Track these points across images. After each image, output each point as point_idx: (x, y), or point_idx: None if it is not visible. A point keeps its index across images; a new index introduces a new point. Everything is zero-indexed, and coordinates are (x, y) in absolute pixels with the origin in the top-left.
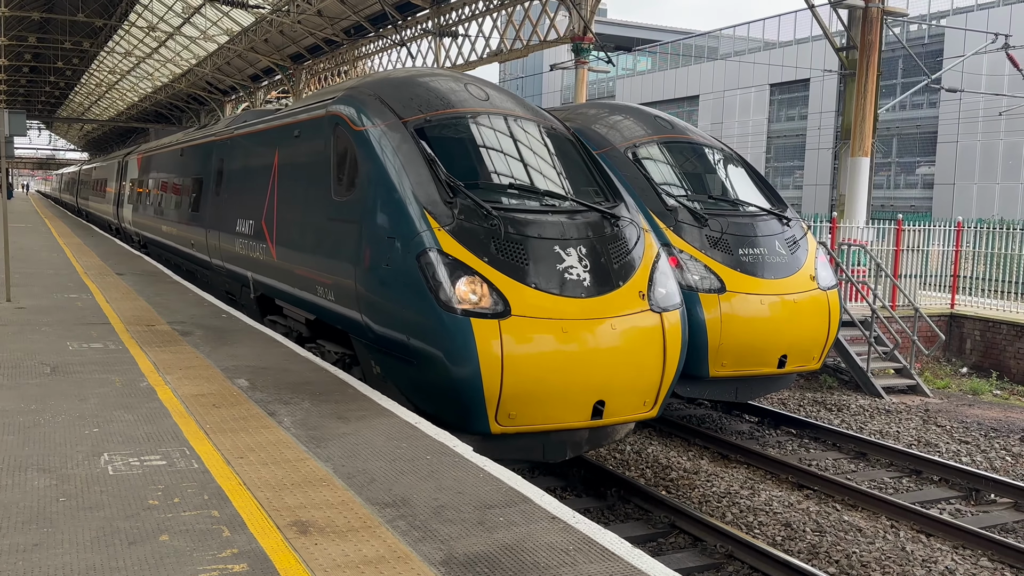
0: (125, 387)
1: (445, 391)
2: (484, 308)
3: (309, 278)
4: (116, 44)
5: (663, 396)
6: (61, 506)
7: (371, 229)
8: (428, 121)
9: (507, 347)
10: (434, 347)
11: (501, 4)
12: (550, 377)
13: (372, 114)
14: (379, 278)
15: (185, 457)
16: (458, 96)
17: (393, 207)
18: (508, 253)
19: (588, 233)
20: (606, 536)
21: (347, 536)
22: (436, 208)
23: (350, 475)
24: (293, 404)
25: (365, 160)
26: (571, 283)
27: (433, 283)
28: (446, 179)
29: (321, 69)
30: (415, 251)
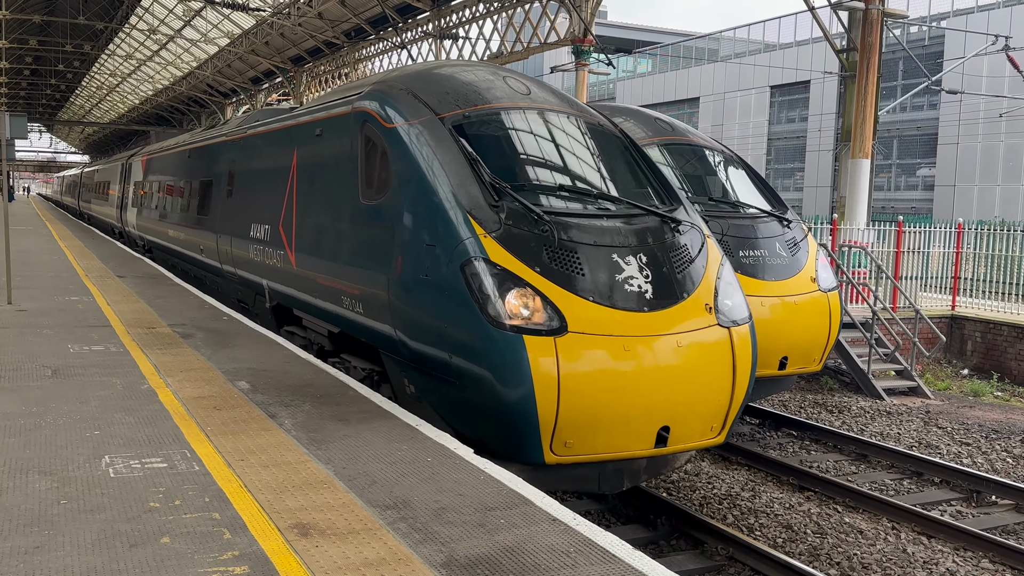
0: (126, 390)
1: (493, 416)
2: (537, 324)
3: (334, 288)
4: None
5: (731, 420)
6: (62, 508)
7: (406, 235)
8: (467, 117)
9: (564, 367)
10: (481, 367)
11: (501, 6)
12: (611, 401)
13: (405, 110)
14: (416, 290)
15: (186, 459)
16: (497, 90)
17: (432, 211)
18: (562, 262)
19: (648, 239)
20: (607, 538)
21: (348, 538)
22: (480, 212)
23: (351, 477)
24: (294, 406)
25: (398, 160)
26: (632, 295)
27: (480, 296)
28: (490, 180)
29: (322, 72)
30: (458, 260)
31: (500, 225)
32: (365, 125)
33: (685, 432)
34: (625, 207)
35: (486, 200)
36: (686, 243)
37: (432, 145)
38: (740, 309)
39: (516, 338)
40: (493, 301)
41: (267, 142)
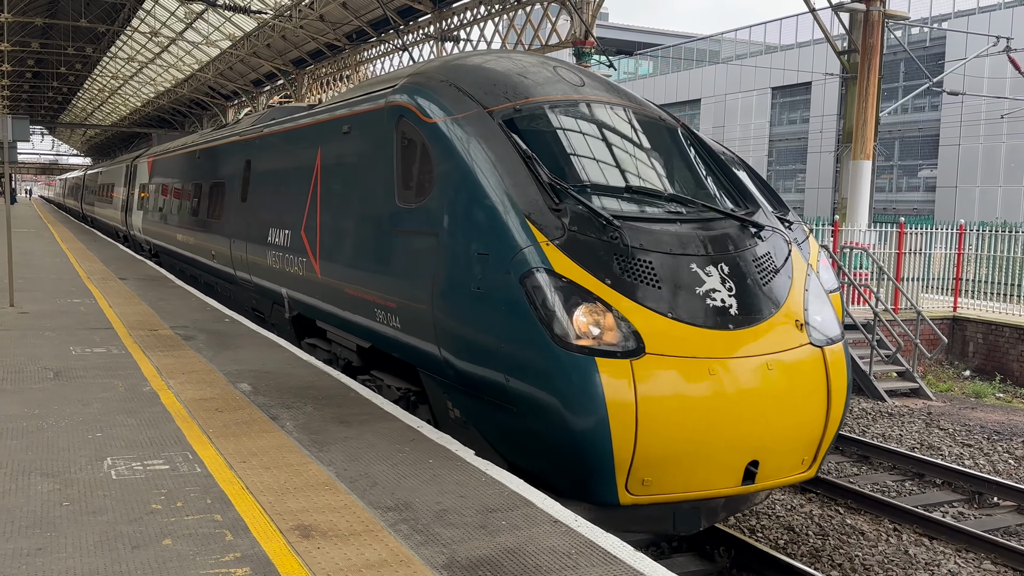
0: (128, 392)
1: (558, 448)
2: (610, 344)
3: (364, 300)
4: (119, 49)
5: (823, 452)
6: (64, 510)
7: (454, 242)
8: (518, 111)
9: (642, 394)
10: (545, 392)
11: (503, 8)
12: (696, 433)
13: (448, 103)
14: (466, 304)
15: (188, 461)
16: (550, 81)
17: (484, 215)
18: (635, 273)
19: (729, 247)
20: (608, 540)
21: (349, 540)
22: (540, 217)
23: (352, 479)
24: (295, 408)
25: (442, 158)
26: (715, 311)
27: (543, 312)
28: (549, 181)
29: (323, 74)
30: (518, 271)
31: (563, 231)
32: (401, 121)
33: (775, 466)
34: (699, 210)
35: (546, 203)
36: (769, 250)
37: (481, 142)
38: (832, 325)
39: (587, 360)
40: (559, 318)
41: (286, 141)
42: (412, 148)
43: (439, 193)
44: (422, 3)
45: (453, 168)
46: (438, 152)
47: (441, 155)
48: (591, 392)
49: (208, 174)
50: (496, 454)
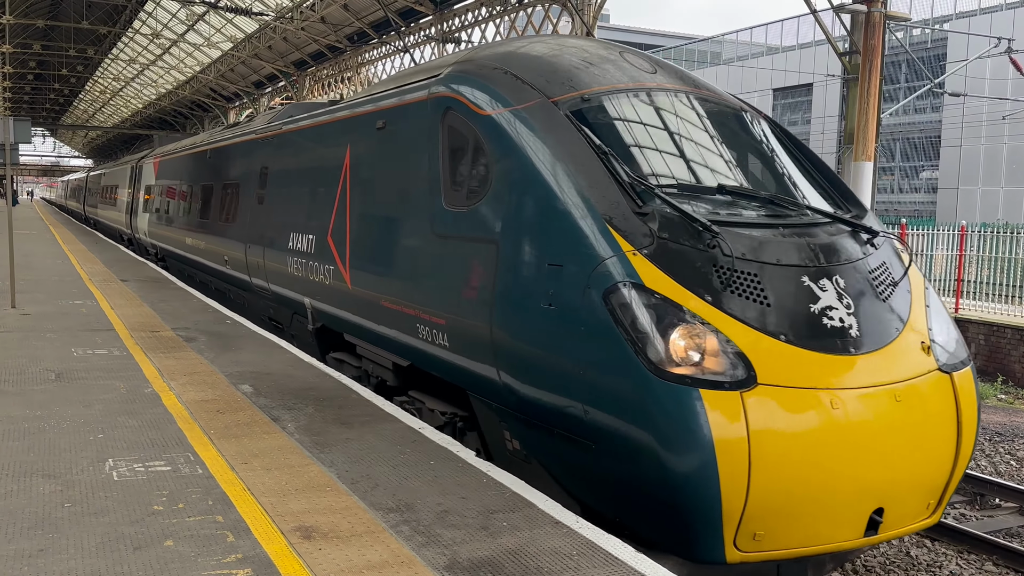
0: (130, 393)
1: (651, 495)
2: (716, 372)
3: (404, 314)
4: (120, 51)
5: (949, 495)
6: (66, 512)
7: (517, 251)
8: (586, 100)
9: (756, 432)
10: (637, 428)
11: (504, 10)
12: (817, 478)
13: (505, 93)
14: (533, 322)
15: (189, 463)
16: (618, 68)
17: (555, 220)
18: (740, 288)
19: (842, 256)
20: (610, 541)
21: (351, 541)
22: (624, 221)
23: (354, 480)
24: (297, 410)
25: (501, 154)
26: (833, 333)
27: (633, 334)
28: (631, 180)
29: (325, 76)
30: (600, 285)
31: (651, 238)
32: (448, 113)
33: (900, 513)
34: (804, 214)
35: (628, 205)
36: (885, 260)
37: (547, 135)
38: (960, 346)
39: (688, 392)
40: (653, 341)
41: (310, 138)
42: (462, 144)
43: (497, 194)
44: (423, 5)
45: (514, 166)
46: (495, 148)
47: (499, 151)
48: (695, 429)
49: (220, 175)
50: (565, 494)
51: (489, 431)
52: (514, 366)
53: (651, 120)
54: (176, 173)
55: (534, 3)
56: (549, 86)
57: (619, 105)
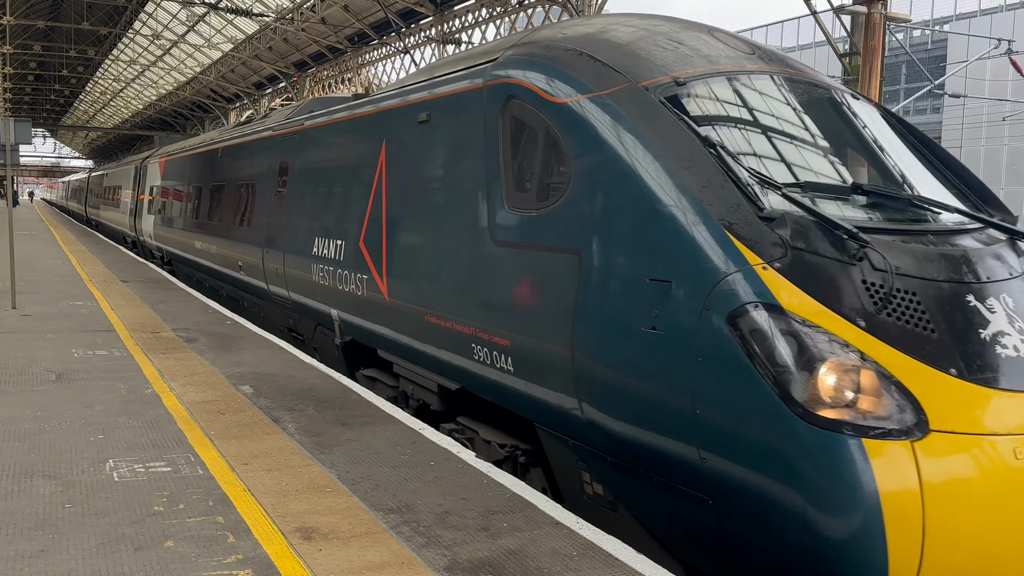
0: (130, 394)
1: (790, 564)
2: (879, 416)
3: (455, 332)
4: (121, 52)
5: None
6: (67, 512)
7: (607, 262)
8: (681, 85)
9: (930, 490)
10: (775, 482)
11: (504, 11)
12: (1003, 544)
13: (585, 77)
14: (632, 347)
15: (190, 463)
16: (711, 48)
17: (659, 225)
18: (899, 311)
19: (1005, 270)
20: (610, 542)
21: (351, 542)
22: (747, 228)
23: (354, 481)
24: (297, 410)
25: (584, 148)
26: (1009, 364)
27: (769, 367)
28: (750, 178)
29: (325, 76)
30: (725, 306)
31: (784, 248)
32: (511, 102)
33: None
34: (952, 216)
35: (752, 208)
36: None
37: (641, 125)
38: None
39: (845, 440)
40: (797, 377)
41: (338, 134)
42: (529, 137)
43: (577, 195)
44: (424, 6)
45: (601, 161)
46: (574, 141)
47: (580, 144)
48: (858, 486)
49: (233, 174)
50: (665, 553)
51: (562, 470)
52: (603, 398)
53: (757, 108)
54: (184, 173)
55: (534, 4)
56: (636, 69)
57: (719, 90)
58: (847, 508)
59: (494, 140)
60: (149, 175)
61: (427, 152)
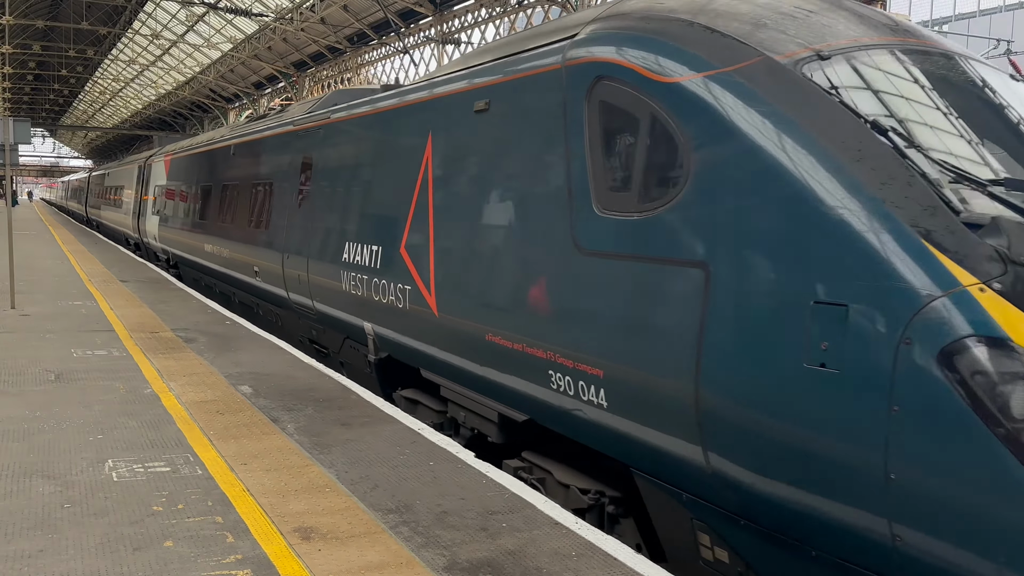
0: (129, 394)
1: None
2: None
3: (526, 354)
4: (120, 52)
5: None
6: (66, 512)
7: (749, 279)
8: (825, 58)
9: None
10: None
11: (504, 11)
12: None
13: (702, 52)
14: (789, 388)
15: (189, 463)
16: (848, 18)
17: (829, 233)
18: None
19: None
20: (609, 542)
21: (350, 542)
22: (952, 237)
23: (353, 481)
24: (296, 411)
25: (706, 136)
26: None
27: (1008, 424)
28: (942, 174)
29: (324, 76)
30: (934, 340)
31: (1004, 264)
32: (600, 84)
33: None
34: None
35: (951, 211)
36: None
37: (787, 108)
38: None
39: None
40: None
41: (372, 128)
42: (627, 124)
43: (702, 195)
44: (423, 6)
45: (735, 153)
46: (695, 128)
47: (703, 132)
48: None
49: (248, 173)
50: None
51: (668, 527)
52: (742, 449)
53: (923, 88)
54: (192, 172)
55: (533, 4)
56: (767, 41)
57: (872, 67)
58: None
59: (577, 129)
60: (154, 174)
61: (486, 145)
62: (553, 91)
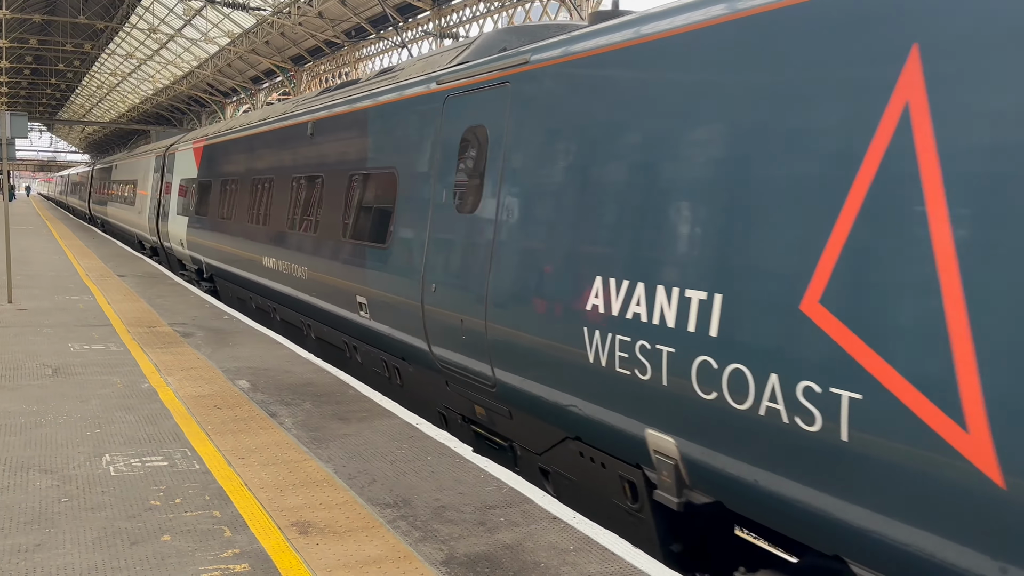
0: (127, 388)
1: None
2: None
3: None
4: (117, 46)
5: None
6: (63, 507)
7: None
8: None
9: None
10: None
11: (502, 6)
12: None
13: None
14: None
15: (186, 458)
16: None
17: None
18: None
19: None
20: (606, 536)
21: (348, 536)
22: None
23: (351, 476)
24: (294, 405)
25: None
26: None
27: None
28: None
29: (322, 71)
30: None
31: None
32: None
33: None
34: None
35: None
36: None
37: None
38: None
39: None
40: None
41: (673, 70)
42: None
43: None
44: (421, 0)
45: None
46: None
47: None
48: None
49: (341, 162)
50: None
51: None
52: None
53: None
54: (240, 161)
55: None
56: None
57: None
58: None
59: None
60: (179, 165)
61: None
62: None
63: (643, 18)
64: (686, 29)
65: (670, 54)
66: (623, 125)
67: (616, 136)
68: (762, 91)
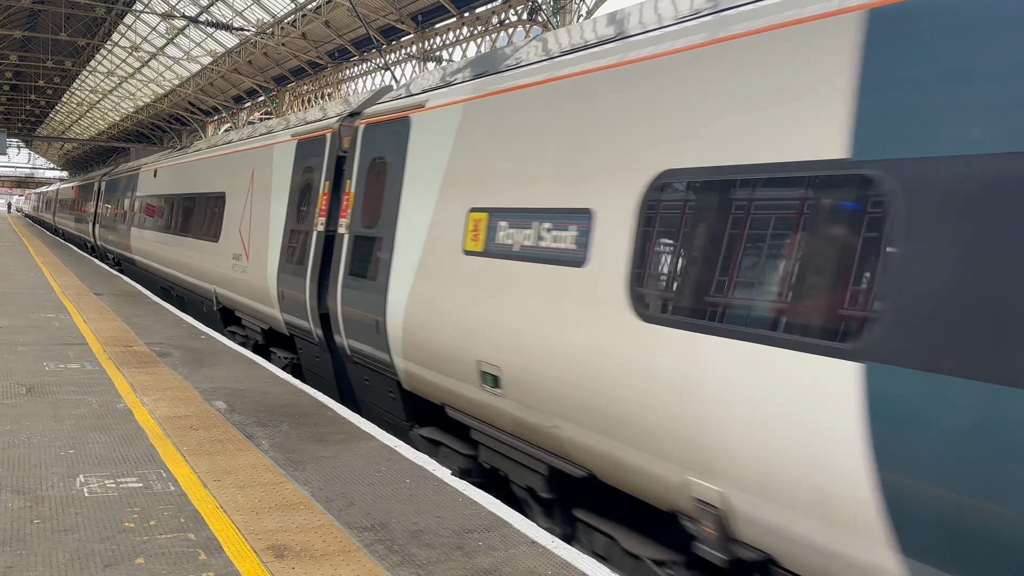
0: (102, 408)
1: None
2: None
3: None
4: (98, 63)
5: None
6: (36, 528)
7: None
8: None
9: None
10: None
11: (485, 30)
12: None
13: None
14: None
15: (162, 479)
16: None
17: None
18: None
19: None
20: (586, 562)
21: (324, 560)
22: None
23: (328, 499)
24: (271, 427)
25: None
26: None
27: None
28: None
29: (305, 91)
30: None
31: None
32: None
33: None
34: None
35: None
36: None
37: None
38: None
39: None
40: None
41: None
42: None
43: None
44: (405, 23)
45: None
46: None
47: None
48: None
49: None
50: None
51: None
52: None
53: None
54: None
55: (514, 24)
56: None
57: None
58: None
59: None
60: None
61: None
62: None
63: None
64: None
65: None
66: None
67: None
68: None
